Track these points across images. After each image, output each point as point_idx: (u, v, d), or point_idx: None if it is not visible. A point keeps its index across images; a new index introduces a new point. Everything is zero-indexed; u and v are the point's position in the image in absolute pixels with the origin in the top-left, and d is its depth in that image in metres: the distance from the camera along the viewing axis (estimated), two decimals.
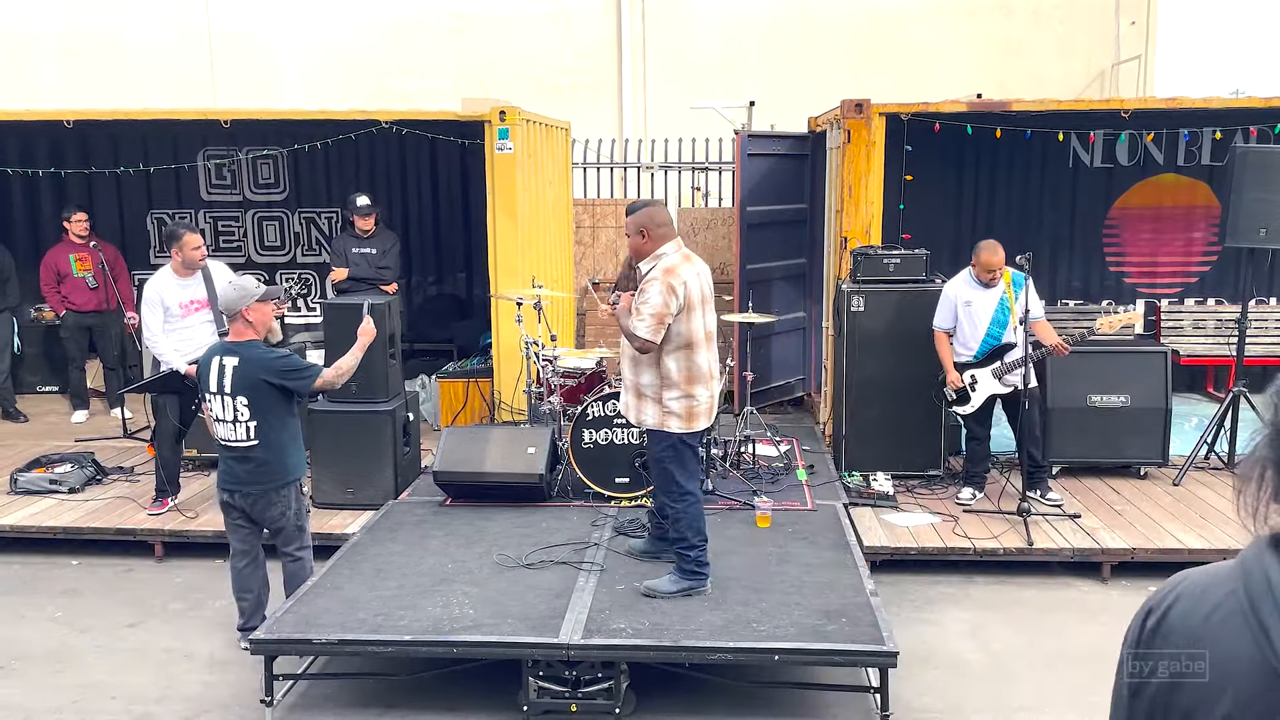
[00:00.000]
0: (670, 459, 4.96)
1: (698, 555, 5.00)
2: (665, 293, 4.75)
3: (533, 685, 4.47)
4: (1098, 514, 6.61)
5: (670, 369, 4.86)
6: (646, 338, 4.76)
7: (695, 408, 4.91)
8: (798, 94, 11.46)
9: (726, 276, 9.65)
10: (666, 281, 4.77)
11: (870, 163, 7.53)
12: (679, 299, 4.77)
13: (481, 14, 13.35)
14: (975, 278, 6.66)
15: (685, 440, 4.95)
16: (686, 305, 4.80)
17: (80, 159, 10.00)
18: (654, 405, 4.92)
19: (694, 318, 4.85)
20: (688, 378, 4.88)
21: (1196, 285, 9.83)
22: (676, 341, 4.83)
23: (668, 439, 4.93)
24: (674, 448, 4.94)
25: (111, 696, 4.83)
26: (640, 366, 4.91)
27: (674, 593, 4.96)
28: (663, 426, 4.91)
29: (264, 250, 10.52)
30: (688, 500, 4.97)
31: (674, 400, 4.88)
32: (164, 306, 6.50)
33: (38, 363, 10.10)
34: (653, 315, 4.75)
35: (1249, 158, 7.05)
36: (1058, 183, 9.57)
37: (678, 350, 4.85)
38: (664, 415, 4.90)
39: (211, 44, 13.48)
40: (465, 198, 10.34)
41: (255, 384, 4.85)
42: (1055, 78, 12.91)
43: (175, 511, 6.72)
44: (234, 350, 4.93)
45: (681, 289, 4.77)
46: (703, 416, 4.96)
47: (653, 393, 4.91)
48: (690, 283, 4.82)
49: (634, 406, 5.02)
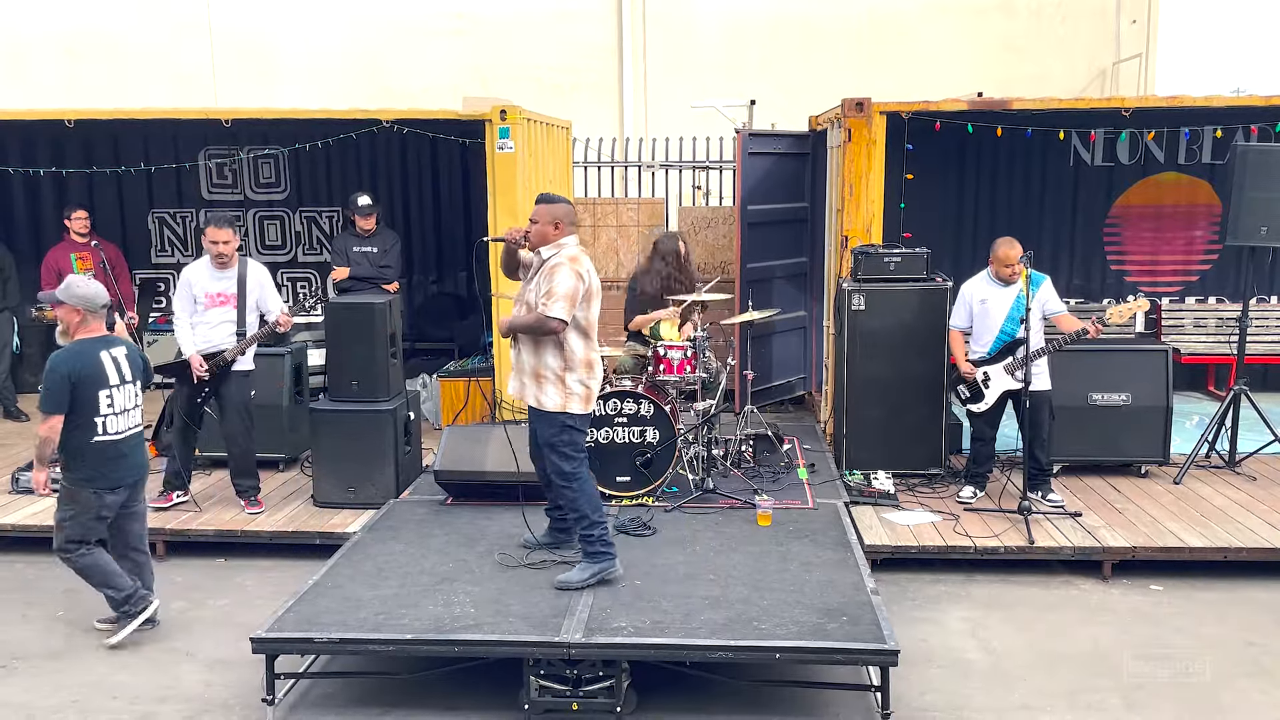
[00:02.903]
0: (565, 442, 5.12)
1: (600, 533, 5.12)
2: (575, 278, 4.98)
3: (534, 684, 4.48)
4: (1099, 512, 6.60)
5: (575, 351, 5.06)
6: (561, 316, 4.93)
7: (592, 390, 5.15)
8: (799, 93, 11.47)
9: (727, 275, 9.65)
10: (573, 268, 5.00)
11: (871, 161, 7.53)
12: (585, 284, 5.01)
13: (483, 13, 13.35)
14: (994, 276, 6.67)
15: (578, 423, 5.13)
16: (589, 292, 5.05)
17: (81, 158, 10.00)
18: (556, 387, 5.07)
19: (592, 304, 5.10)
20: (587, 361, 5.11)
21: (1197, 284, 9.83)
22: (579, 325, 5.04)
23: (565, 419, 5.08)
24: (568, 430, 5.10)
25: (113, 696, 4.84)
26: (542, 350, 5.06)
27: (586, 580, 5.05)
28: (564, 408, 5.07)
29: (265, 249, 10.53)
30: (580, 479, 5.14)
31: (577, 382, 5.07)
32: (191, 293, 6.56)
33: (38, 362, 10.04)
34: (566, 296, 4.94)
35: (1250, 156, 7.05)
36: (1059, 181, 9.57)
37: (580, 334, 5.06)
38: (567, 397, 5.07)
39: (213, 43, 13.49)
40: (466, 197, 10.35)
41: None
42: (1056, 76, 12.90)
43: (182, 507, 6.73)
44: (114, 343, 5.25)
45: (587, 276, 5.04)
46: (594, 400, 5.21)
47: (555, 375, 5.06)
48: (592, 272, 5.11)
49: (531, 389, 5.13)
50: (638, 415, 6.45)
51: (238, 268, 6.59)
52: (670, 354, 6.70)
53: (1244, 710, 4.63)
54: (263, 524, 6.52)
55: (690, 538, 5.86)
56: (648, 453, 6.45)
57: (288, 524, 6.51)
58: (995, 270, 6.66)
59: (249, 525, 6.51)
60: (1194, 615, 5.53)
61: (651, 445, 6.45)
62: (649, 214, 10.66)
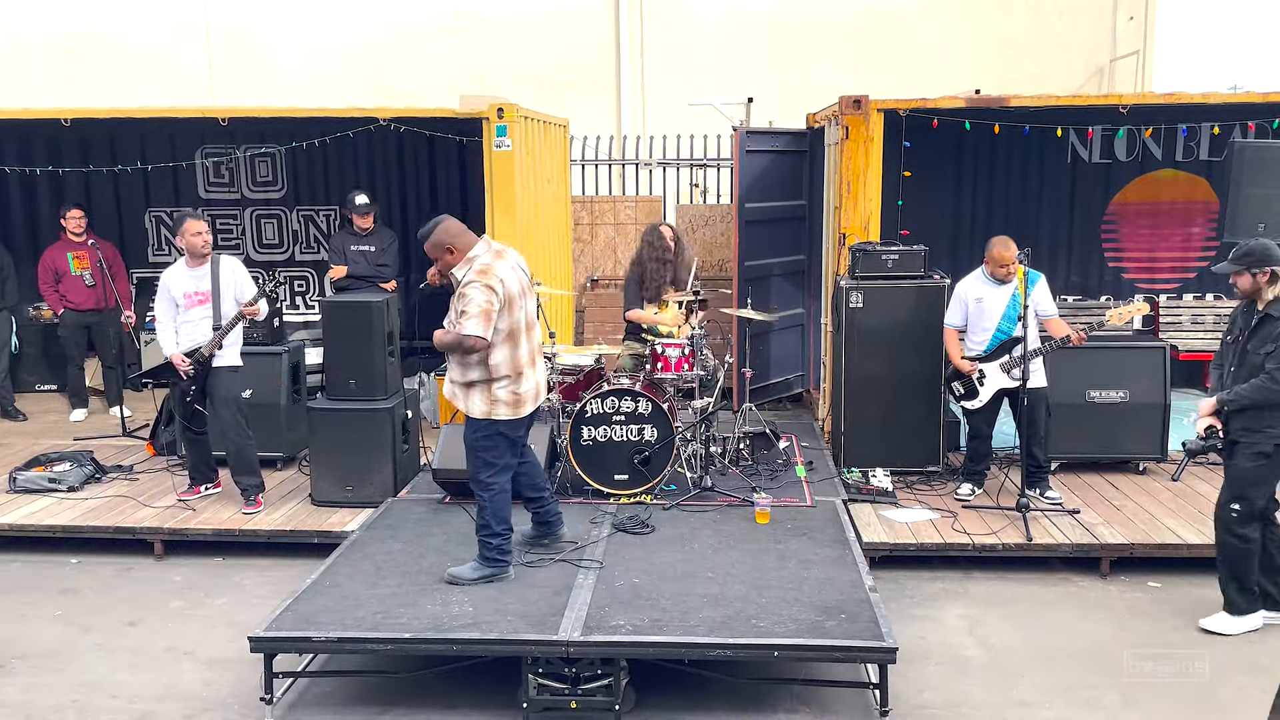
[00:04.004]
0: (485, 447, 5.13)
1: (500, 544, 5.17)
2: (486, 292, 4.92)
3: (532, 682, 4.48)
4: (1096, 509, 6.61)
5: (498, 362, 5.05)
6: (478, 334, 4.91)
7: (522, 395, 5.12)
8: (796, 91, 11.46)
9: (725, 273, 9.65)
10: (483, 282, 4.93)
11: (869, 159, 7.53)
12: (499, 295, 4.94)
13: (480, 12, 13.35)
14: (989, 275, 6.68)
15: (506, 430, 5.12)
16: (506, 300, 4.98)
17: (78, 157, 9.98)
18: (482, 396, 5.09)
19: (515, 310, 5.04)
20: (514, 367, 5.08)
21: (1195, 280, 9.82)
22: (500, 335, 5.02)
23: (490, 427, 5.10)
24: (491, 436, 5.11)
25: (112, 695, 4.84)
26: (469, 365, 5.07)
27: (475, 579, 5.12)
28: (490, 415, 5.08)
29: (262, 248, 10.51)
30: (493, 490, 5.14)
31: (503, 389, 5.07)
32: (170, 295, 6.57)
33: (36, 361, 10.09)
34: (480, 312, 4.90)
35: (1247, 153, 7.06)
36: (1056, 178, 9.55)
37: (503, 343, 5.04)
38: (492, 405, 5.08)
39: (209, 43, 13.48)
40: (464, 195, 10.31)
41: None
42: (1054, 73, 12.91)
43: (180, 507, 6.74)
44: None
45: (499, 285, 4.95)
46: (529, 402, 5.17)
47: (481, 385, 5.08)
48: (507, 278, 5.01)
49: (461, 397, 5.17)
50: (636, 413, 6.45)
51: (210, 265, 6.59)
52: (668, 352, 6.70)
53: (1242, 707, 4.63)
54: (261, 523, 6.52)
55: (688, 536, 5.86)
56: (646, 451, 6.45)
57: (286, 523, 6.51)
58: (990, 269, 6.67)
59: (247, 524, 6.51)
60: (1191, 612, 5.54)
61: (650, 443, 6.46)
62: (647, 212, 10.66)
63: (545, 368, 5.48)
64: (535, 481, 5.57)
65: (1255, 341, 5.10)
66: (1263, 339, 5.07)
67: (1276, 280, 5.06)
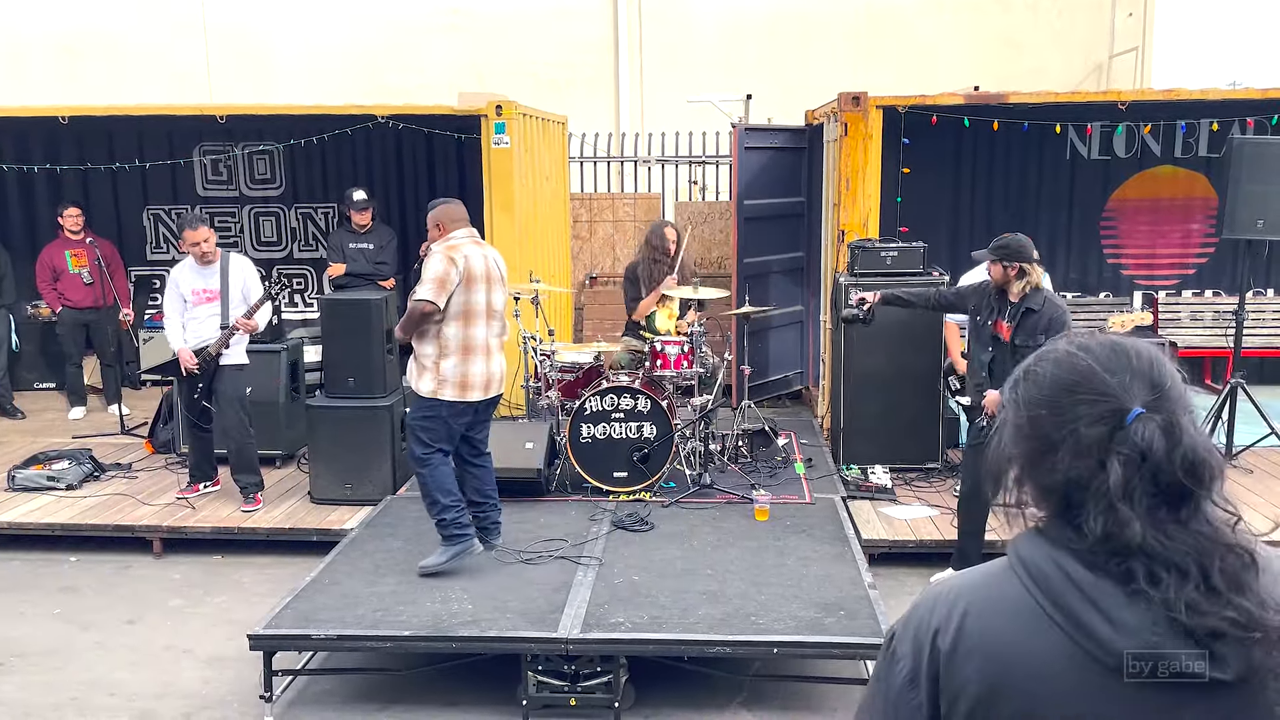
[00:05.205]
0: (424, 426, 5.17)
1: (453, 517, 5.18)
2: (445, 262, 5.05)
3: (532, 679, 4.47)
4: None
5: (448, 338, 5.11)
6: (428, 298, 5.02)
7: (470, 378, 5.15)
8: (795, 88, 11.46)
9: (724, 270, 9.65)
10: (446, 254, 5.08)
11: (867, 156, 7.52)
12: (459, 269, 5.05)
13: (479, 10, 13.33)
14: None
15: (448, 413, 5.13)
16: (466, 276, 5.07)
17: (76, 155, 9.97)
18: (431, 373, 5.14)
19: (474, 289, 5.11)
20: (463, 347, 5.12)
21: (1194, 277, 9.83)
22: (455, 311, 5.08)
23: (434, 407, 5.13)
24: (432, 417, 5.14)
25: (111, 693, 4.83)
26: (424, 338, 5.15)
27: (444, 563, 5.15)
28: (435, 394, 5.12)
29: (260, 246, 10.50)
30: (430, 465, 5.17)
31: (450, 368, 5.10)
32: (178, 292, 6.59)
33: (35, 360, 10.09)
34: (433, 279, 5.02)
35: (1246, 149, 7.04)
36: (1055, 175, 9.56)
37: (455, 320, 5.10)
38: (438, 384, 5.12)
39: (208, 41, 13.47)
40: (462, 193, 10.25)
41: None
42: (1053, 70, 12.91)
43: (179, 505, 6.74)
44: None
45: (461, 260, 5.07)
46: (476, 388, 5.18)
47: (431, 362, 5.13)
48: (472, 257, 5.12)
49: (412, 373, 5.24)
50: (635, 411, 6.45)
51: (220, 262, 6.60)
52: (667, 349, 6.69)
53: None
54: (260, 521, 6.51)
55: (688, 533, 5.86)
56: (645, 448, 6.45)
57: (285, 521, 6.51)
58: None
59: (246, 522, 6.50)
60: None
61: (649, 441, 6.45)
62: (645, 209, 10.65)
63: (503, 364, 5.40)
64: (483, 488, 5.53)
65: (1022, 335, 5.34)
66: (1028, 332, 5.30)
67: (1024, 276, 5.34)
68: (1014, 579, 1.34)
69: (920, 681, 1.37)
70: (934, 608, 1.39)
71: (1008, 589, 1.34)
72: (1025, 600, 1.31)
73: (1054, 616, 1.28)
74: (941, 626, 1.36)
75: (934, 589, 1.43)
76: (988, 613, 1.34)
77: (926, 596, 1.42)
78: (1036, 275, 5.41)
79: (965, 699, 1.33)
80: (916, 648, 1.38)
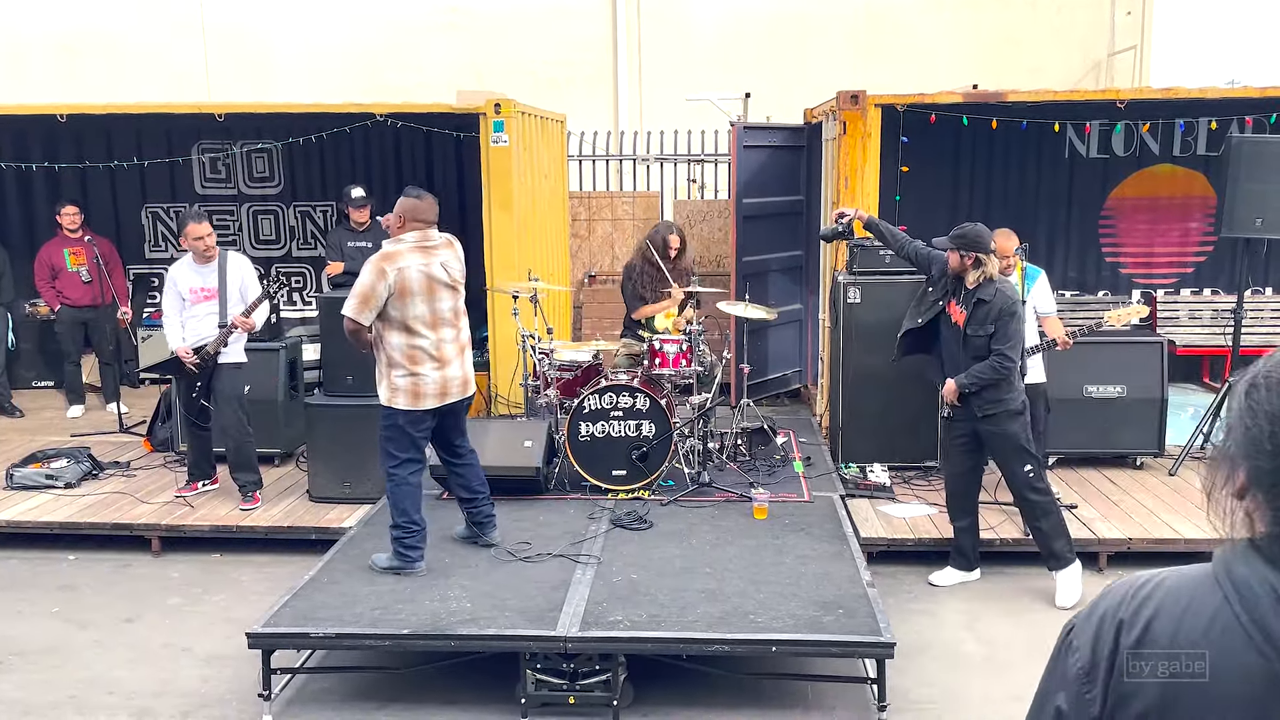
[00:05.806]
0: (386, 437, 5.17)
1: (400, 537, 5.18)
2: (374, 275, 4.98)
3: (530, 678, 4.48)
4: (1094, 504, 6.62)
5: (393, 347, 5.08)
6: (349, 314, 5.00)
7: (421, 386, 5.10)
8: (794, 87, 11.46)
9: (723, 269, 9.64)
10: (378, 266, 5.00)
11: (866, 154, 7.52)
12: (388, 282, 4.96)
13: (478, 9, 13.33)
14: None
15: (404, 422, 5.11)
16: (399, 289, 4.98)
17: (74, 153, 9.96)
18: (385, 383, 5.14)
19: (410, 302, 5.01)
20: (410, 357, 5.07)
21: (1192, 275, 9.83)
22: (396, 323, 5.04)
23: (390, 416, 5.13)
24: (390, 426, 5.14)
25: (109, 691, 4.83)
26: (377, 346, 5.15)
27: (382, 569, 5.17)
28: (390, 403, 5.12)
29: (259, 244, 10.50)
30: (394, 480, 5.16)
31: (400, 378, 5.08)
32: (177, 290, 6.60)
33: (33, 358, 10.08)
34: (357, 295, 4.98)
35: (1245, 148, 7.05)
36: (1054, 173, 9.56)
37: (399, 331, 5.05)
38: (392, 393, 5.11)
39: (206, 39, 13.46)
40: (461, 191, 10.31)
41: None
42: (1052, 68, 12.91)
43: (177, 503, 6.74)
44: None
45: (393, 273, 4.98)
46: (430, 396, 5.13)
47: (384, 371, 5.13)
48: (408, 269, 5.01)
49: (378, 383, 5.23)
50: (633, 409, 6.45)
51: (218, 261, 6.60)
52: (666, 348, 6.69)
53: None
54: (258, 519, 6.52)
55: (686, 531, 5.86)
56: (643, 447, 6.45)
57: (283, 519, 6.51)
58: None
59: (244, 521, 6.51)
60: None
61: (647, 439, 6.45)
62: (644, 207, 10.65)
63: (463, 367, 5.30)
64: (470, 484, 5.55)
65: (974, 325, 5.46)
66: (980, 321, 5.44)
67: (980, 265, 5.46)
68: (1216, 590, 1.28)
69: (1097, 675, 1.32)
70: (1122, 602, 1.34)
71: (1207, 599, 1.28)
72: (1225, 615, 1.25)
73: (1254, 637, 1.22)
74: (1127, 621, 1.32)
75: (1122, 584, 1.37)
76: (1181, 619, 1.28)
77: (1114, 590, 1.37)
78: (992, 266, 5.51)
79: (1140, 700, 1.28)
80: (1097, 640, 1.34)
